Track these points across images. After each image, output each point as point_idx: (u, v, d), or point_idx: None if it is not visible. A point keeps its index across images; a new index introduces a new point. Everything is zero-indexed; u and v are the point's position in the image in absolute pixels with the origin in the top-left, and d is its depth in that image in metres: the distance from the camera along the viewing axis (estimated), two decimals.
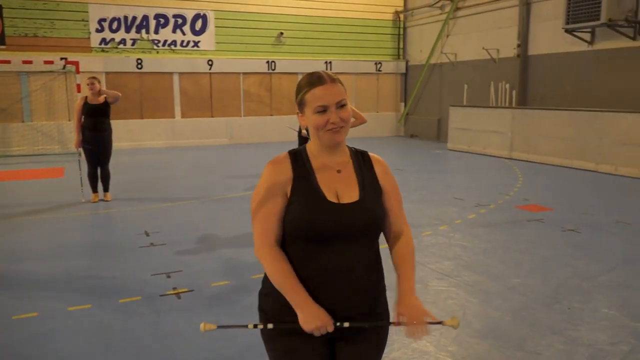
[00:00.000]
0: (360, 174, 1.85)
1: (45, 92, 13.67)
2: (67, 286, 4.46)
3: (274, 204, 1.78)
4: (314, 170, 1.81)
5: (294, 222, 1.75)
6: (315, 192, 1.76)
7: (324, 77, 1.79)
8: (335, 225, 1.73)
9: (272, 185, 1.79)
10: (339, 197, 1.79)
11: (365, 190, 1.82)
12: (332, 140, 1.78)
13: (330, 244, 1.75)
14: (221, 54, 15.67)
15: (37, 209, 7.33)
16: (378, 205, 1.83)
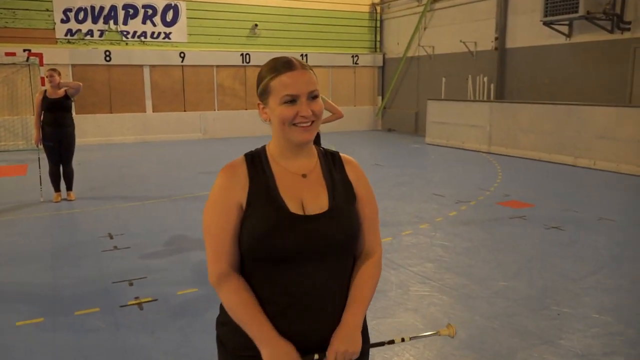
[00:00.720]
0: (329, 178, 1.55)
1: (7, 85, 13.02)
2: (18, 297, 4.08)
3: (227, 219, 1.47)
4: (274, 175, 1.51)
5: (251, 240, 1.44)
6: (275, 202, 1.46)
7: (293, 62, 1.48)
8: (300, 241, 1.43)
9: (224, 196, 1.48)
10: (305, 208, 1.49)
11: (336, 197, 1.52)
12: (300, 138, 1.48)
13: (294, 264, 1.45)
14: (193, 46, 15.19)
15: None
16: (351, 215, 1.53)
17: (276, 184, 1.49)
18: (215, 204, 1.48)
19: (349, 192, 1.57)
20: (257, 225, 1.44)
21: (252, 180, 1.49)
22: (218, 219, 1.48)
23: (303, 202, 1.49)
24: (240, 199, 1.47)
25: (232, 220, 1.47)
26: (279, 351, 1.40)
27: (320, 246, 1.46)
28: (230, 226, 1.47)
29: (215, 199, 1.49)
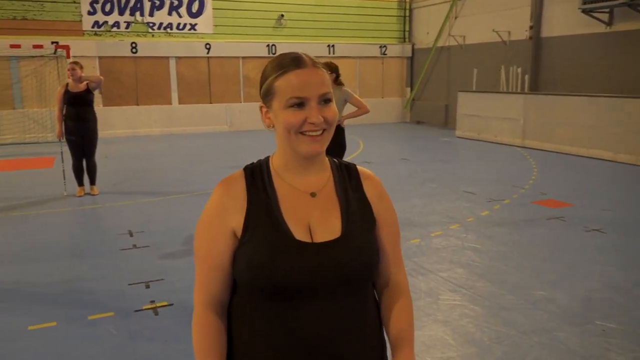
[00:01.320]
0: (344, 197, 1.31)
1: (36, 77, 13.12)
2: (33, 298, 3.96)
3: (216, 246, 1.25)
4: (277, 194, 1.27)
5: (248, 271, 1.21)
6: (278, 227, 1.22)
7: (303, 58, 1.23)
8: (308, 274, 1.19)
9: (216, 219, 1.26)
10: (313, 233, 1.24)
11: (351, 221, 1.27)
12: (308, 150, 1.24)
13: (301, 301, 1.21)
14: (219, 37, 15.05)
15: (16, 204, 6.83)
16: (369, 241, 1.28)
17: (279, 204, 1.26)
18: (205, 227, 1.27)
19: (367, 215, 1.32)
20: (256, 255, 1.20)
21: (251, 199, 1.26)
22: (207, 245, 1.26)
23: (311, 226, 1.25)
24: (234, 223, 1.24)
25: (221, 248, 1.25)
26: None
27: (332, 279, 1.21)
28: (218, 255, 1.25)
29: (206, 222, 1.27)
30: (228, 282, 1.28)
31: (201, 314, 1.27)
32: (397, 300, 1.36)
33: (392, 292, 1.37)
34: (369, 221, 1.32)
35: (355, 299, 1.27)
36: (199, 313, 1.27)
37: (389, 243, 1.37)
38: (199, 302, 1.28)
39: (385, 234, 1.35)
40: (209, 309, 1.27)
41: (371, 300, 1.35)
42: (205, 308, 1.27)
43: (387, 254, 1.36)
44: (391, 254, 1.37)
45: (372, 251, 1.29)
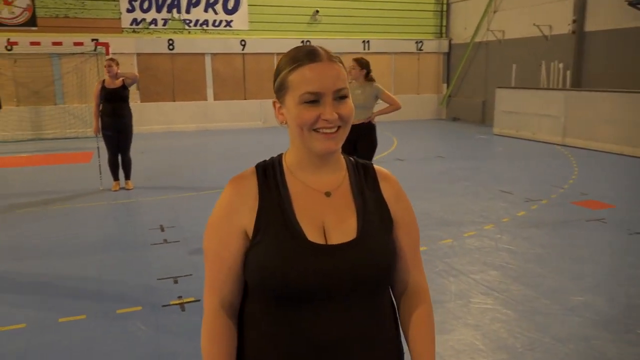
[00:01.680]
0: (360, 198, 1.24)
1: (76, 74, 13.48)
2: (64, 290, 4.04)
3: (226, 248, 1.20)
4: (289, 193, 1.21)
5: (259, 273, 1.16)
6: (290, 228, 1.16)
7: (318, 51, 1.17)
8: (321, 277, 1.13)
9: (225, 220, 1.21)
10: (327, 235, 1.18)
11: (367, 221, 1.21)
12: (322, 147, 1.17)
13: (314, 305, 1.15)
14: (254, 34, 15.11)
15: (54, 197, 7.01)
16: (386, 243, 1.22)
17: (292, 204, 1.20)
18: (215, 228, 1.22)
19: (384, 215, 1.25)
20: (268, 257, 1.15)
21: (262, 198, 1.20)
22: (216, 246, 1.22)
23: (325, 227, 1.19)
24: (245, 223, 1.19)
25: (232, 249, 1.20)
26: None
27: (347, 283, 1.15)
28: (229, 256, 1.20)
29: (215, 222, 1.23)
30: (239, 284, 1.24)
31: (211, 318, 1.22)
32: (417, 307, 1.29)
33: (411, 298, 1.30)
34: (386, 222, 1.25)
35: (371, 303, 1.20)
36: (209, 317, 1.23)
37: (408, 245, 1.30)
38: (209, 305, 1.23)
39: (404, 236, 1.29)
40: (219, 313, 1.23)
41: (388, 305, 1.28)
42: (215, 312, 1.22)
43: (406, 257, 1.30)
44: (410, 257, 1.30)
45: (389, 253, 1.22)
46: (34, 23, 13.05)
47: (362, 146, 5.46)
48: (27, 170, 9.27)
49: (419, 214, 5.90)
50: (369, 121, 5.43)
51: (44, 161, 10.13)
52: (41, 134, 13.27)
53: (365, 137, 5.44)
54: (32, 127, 13.27)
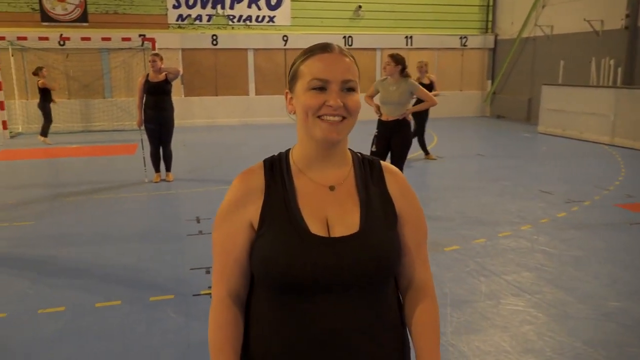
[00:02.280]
0: (364, 192, 1.26)
1: (124, 68, 13.91)
2: (103, 277, 4.20)
3: (233, 240, 1.24)
4: (295, 187, 1.24)
5: (263, 264, 1.19)
6: (294, 220, 1.19)
7: (331, 45, 1.22)
8: (322, 269, 1.15)
9: (233, 213, 1.25)
10: (330, 228, 1.20)
11: (371, 216, 1.22)
12: (324, 135, 1.19)
13: (315, 297, 1.17)
14: (297, 30, 15.18)
15: (98, 187, 7.28)
16: (389, 239, 1.23)
17: (297, 197, 1.23)
18: (222, 220, 1.26)
19: (389, 211, 1.26)
20: (271, 248, 1.19)
21: (268, 191, 1.24)
22: (224, 239, 1.26)
23: (329, 221, 1.21)
24: (251, 216, 1.23)
25: (238, 241, 1.24)
26: None
27: (348, 276, 1.17)
28: (236, 248, 1.24)
29: (224, 215, 1.27)
30: (246, 275, 1.27)
31: (218, 308, 1.26)
32: (421, 304, 1.29)
33: (415, 294, 1.31)
34: (390, 217, 1.26)
35: (372, 296, 1.22)
36: (216, 307, 1.26)
37: (413, 241, 1.30)
38: (217, 295, 1.27)
39: (409, 232, 1.30)
40: (226, 302, 1.26)
41: (391, 299, 1.29)
42: (222, 302, 1.26)
43: (411, 252, 1.30)
44: (415, 252, 1.31)
45: (391, 248, 1.23)
46: (85, 19, 13.54)
47: (396, 142, 5.42)
48: (75, 161, 9.66)
49: (452, 212, 5.84)
50: (404, 117, 5.39)
51: (91, 152, 10.53)
52: (90, 126, 13.79)
53: (399, 133, 5.41)
54: (81, 119, 13.80)
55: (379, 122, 5.51)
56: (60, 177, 8.39)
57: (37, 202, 6.53)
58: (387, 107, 5.40)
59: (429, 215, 5.71)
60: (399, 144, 5.45)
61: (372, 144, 5.52)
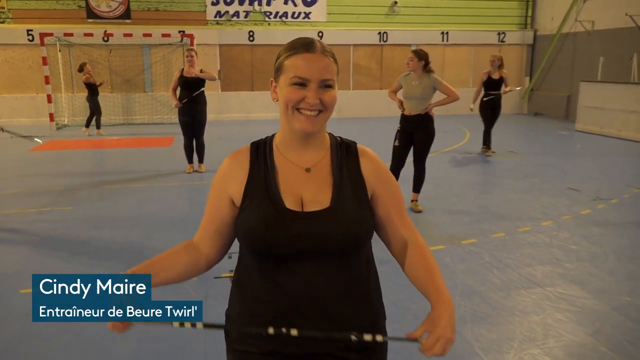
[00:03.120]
0: (338, 173, 1.41)
1: (164, 64, 14.37)
2: (131, 258, 4.47)
3: (217, 206, 1.44)
4: (275, 168, 1.41)
5: (245, 234, 1.37)
6: (272, 196, 1.36)
7: (314, 44, 1.37)
8: (294, 239, 1.32)
9: (220, 185, 1.45)
10: (304, 204, 1.36)
11: (341, 195, 1.37)
12: (301, 127, 1.36)
13: (290, 264, 1.35)
14: (332, 26, 15.31)
15: (135, 177, 7.64)
16: (358, 215, 1.37)
17: (276, 177, 1.40)
18: (213, 188, 1.47)
19: (360, 190, 1.41)
20: (251, 219, 1.36)
21: (252, 171, 1.42)
22: (211, 202, 1.47)
23: (303, 198, 1.38)
24: (234, 191, 1.42)
25: (221, 208, 1.43)
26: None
27: (316, 246, 1.33)
28: (217, 212, 1.44)
29: (214, 184, 1.47)
30: (219, 242, 1.46)
31: (183, 244, 1.47)
32: (416, 255, 1.42)
33: (409, 250, 1.43)
34: (361, 195, 1.41)
35: (341, 264, 1.37)
36: (183, 243, 1.47)
37: (393, 211, 1.45)
38: (194, 238, 1.48)
39: (387, 205, 1.44)
40: (191, 244, 1.47)
41: (361, 266, 1.42)
42: (189, 243, 1.48)
43: (393, 221, 1.45)
44: (397, 220, 1.46)
45: (359, 224, 1.37)
46: (128, 16, 14.06)
47: (419, 137, 5.50)
48: (115, 152, 10.11)
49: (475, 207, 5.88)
50: (427, 112, 5.46)
51: (130, 144, 10.98)
52: (131, 119, 14.32)
53: (422, 127, 5.48)
54: (123, 112, 14.35)
55: (402, 117, 5.60)
56: (100, 167, 8.82)
57: (77, 189, 6.93)
58: (410, 102, 5.48)
59: (448, 210, 5.79)
60: (422, 139, 5.52)
61: (394, 139, 5.62)
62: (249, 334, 1.42)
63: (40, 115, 13.62)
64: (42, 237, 5.02)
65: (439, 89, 5.43)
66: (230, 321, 1.49)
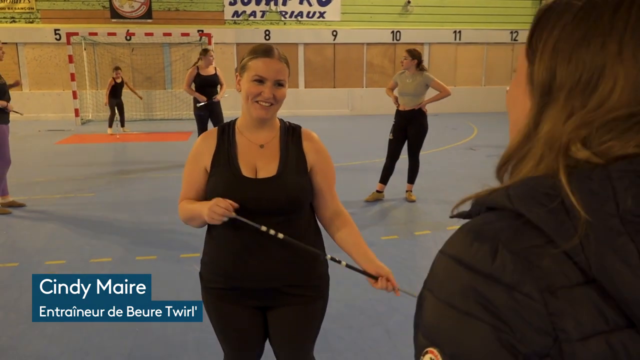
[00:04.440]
0: (284, 149, 1.82)
1: (183, 62, 14.94)
2: (143, 237, 4.96)
3: (193, 175, 1.85)
4: (236, 144, 1.82)
5: (212, 195, 1.78)
6: (232, 166, 1.78)
7: (273, 51, 1.78)
8: (248, 199, 1.73)
9: (194, 158, 1.86)
10: (257, 173, 1.78)
11: (286, 165, 1.79)
12: (257, 114, 1.77)
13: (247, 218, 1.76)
14: (346, 25, 15.70)
15: (152, 167, 8.17)
16: (297, 182, 1.79)
17: (237, 151, 1.81)
18: (190, 160, 1.88)
19: (300, 163, 1.82)
20: (217, 184, 1.78)
21: (218, 147, 1.83)
22: (188, 173, 1.87)
23: (257, 168, 1.79)
24: (205, 163, 1.82)
25: (195, 177, 1.84)
26: (209, 205, 1.69)
27: (265, 205, 1.75)
28: (193, 180, 1.85)
29: (190, 158, 1.88)
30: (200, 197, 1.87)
31: (180, 203, 1.88)
32: (343, 226, 1.86)
33: (335, 220, 1.88)
34: (301, 167, 1.83)
35: (287, 221, 1.79)
36: (179, 204, 1.89)
37: (325, 185, 1.87)
38: (180, 201, 1.90)
39: (321, 179, 1.86)
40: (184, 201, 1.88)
41: (304, 225, 1.84)
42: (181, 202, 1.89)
43: (324, 193, 1.87)
44: (327, 193, 1.87)
45: (299, 190, 1.79)
46: (149, 16, 14.66)
47: (412, 132, 5.88)
48: (135, 145, 10.68)
49: None
50: (420, 108, 5.83)
51: (149, 138, 11.55)
52: (151, 115, 14.93)
53: (415, 122, 5.86)
54: (144, 108, 14.96)
55: (397, 113, 5.98)
56: (119, 159, 9.39)
57: (98, 178, 7.47)
58: (404, 98, 5.87)
59: (442, 199, 6.15)
60: (415, 133, 5.90)
61: (390, 133, 6.01)
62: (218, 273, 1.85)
63: (66, 111, 14.31)
64: (66, 218, 5.55)
65: (432, 85, 5.80)
66: (204, 265, 1.92)
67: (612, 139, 0.55)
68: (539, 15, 0.64)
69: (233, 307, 1.87)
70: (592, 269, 0.52)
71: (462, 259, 0.58)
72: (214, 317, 1.93)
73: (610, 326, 0.52)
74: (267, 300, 1.85)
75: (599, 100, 0.56)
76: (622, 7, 0.56)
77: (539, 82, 0.61)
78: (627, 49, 0.55)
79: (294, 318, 1.87)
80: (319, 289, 1.90)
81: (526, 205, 0.56)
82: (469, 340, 0.55)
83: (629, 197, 0.52)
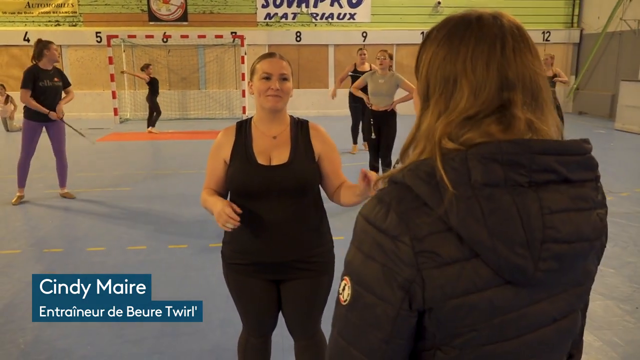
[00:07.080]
0: (295, 140, 2.10)
1: (217, 63, 15.42)
2: (176, 227, 5.33)
3: (215, 166, 2.15)
4: (252, 137, 2.11)
5: (232, 181, 2.08)
6: (249, 156, 2.07)
7: (275, 53, 2.10)
8: (263, 183, 2.02)
9: (216, 151, 2.15)
10: (271, 160, 2.07)
11: (296, 153, 2.07)
12: (272, 106, 2.05)
13: (262, 200, 2.05)
14: (376, 26, 15.89)
15: (184, 164, 8.59)
16: (307, 167, 2.07)
17: (252, 143, 2.11)
18: (212, 153, 2.17)
19: (309, 152, 2.10)
20: (236, 172, 2.08)
21: (237, 140, 2.12)
22: (210, 164, 2.16)
23: (270, 156, 2.08)
24: (225, 155, 2.12)
25: (217, 168, 2.13)
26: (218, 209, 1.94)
27: (278, 188, 2.04)
28: (215, 171, 2.14)
29: (212, 151, 2.18)
30: (219, 186, 2.16)
31: (203, 191, 2.16)
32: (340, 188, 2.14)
33: (338, 189, 2.15)
34: (310, 155, 2.11)
35: (295, 202, 2.07)
36: (202, 192, 2.16)
37: (331, 169, 2.16)
38: (203, 189, 2.18)
39: (328, 164, 2.14)
40: (207, 189, 2.17)
41: (310, 204, 2.13)
42: (204, 190, 2.16)
43: (330, 176, 2.16)
44: (333, 176, 2.16)
45: (307, 175, 2.08)
46: (185, 18, 15.19)
47: (384, 133, 6.08)
48: (170, 144, 11.15)
49: None
50: (392, 109, 6.03)
51: (184, 137, 12.02)
52: (186, 114, 15.46)
53: (387, 123, 6.07)
54: (179, 108, 15.51)
55: (371, 112, 6.17)
56: (155, 156, 9.85)
57: (135, 173, 7.93)
58: (376, 99, 6.07)
59: None
60: (387, 134, 6.09)
61: (371, 133, 6.15)
62: (236, 250, 2.14)
63: (105, 110, 14.95)
64: (105, 209, 5.98)
65: (402, 86, 5.98)
66: (225, 244, 2.21)
67: (467, 132, 0.81)
68: (421, 43, 0.90)
69: (250, 279, 2.17)
70: (451, 222, 0.78)
71: (368, 217, 0.85)
72: (234, 289, 2.22)
73: (465, 256, 0.78)
74: (280, 273, 2.14)
75: (454, 104, 0.82)
76: (465, 37, 0.83)
77: (420, 92, 0.88)
78: (469, 67, 0.81)
79: (303, 289, 2.15)
80: (325, 265, 2.18)
81: (412, 180, 0.82)
82: (367, 272, 0.84)
83: (478, 173, 0.78)
